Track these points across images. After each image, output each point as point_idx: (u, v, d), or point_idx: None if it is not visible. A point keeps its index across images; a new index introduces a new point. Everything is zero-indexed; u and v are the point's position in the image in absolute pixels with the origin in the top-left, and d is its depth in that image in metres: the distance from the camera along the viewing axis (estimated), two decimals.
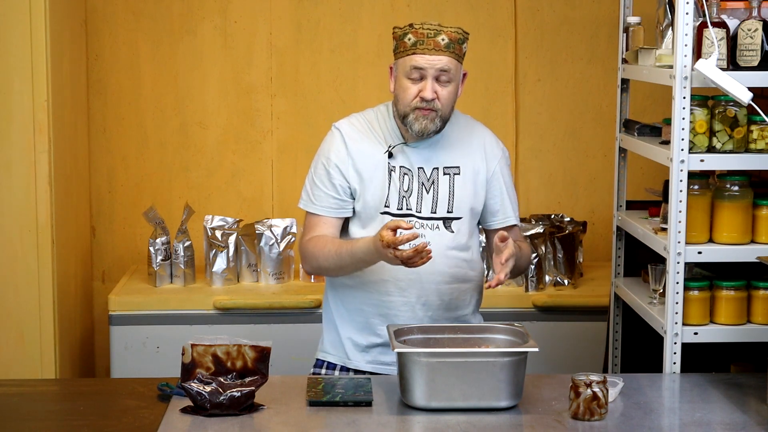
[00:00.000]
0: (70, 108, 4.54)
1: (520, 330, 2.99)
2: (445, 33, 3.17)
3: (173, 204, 4.91)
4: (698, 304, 3.25)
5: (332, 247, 3.20)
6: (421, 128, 3.19)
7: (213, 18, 4.93)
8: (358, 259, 3.16)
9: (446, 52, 3.17)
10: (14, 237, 4.23)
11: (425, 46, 3.16)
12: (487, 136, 3.35)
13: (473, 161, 3.29)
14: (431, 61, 3.16)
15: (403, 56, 3.19)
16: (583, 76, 5.03)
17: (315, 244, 3.24)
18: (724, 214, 3.24)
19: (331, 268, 3.23)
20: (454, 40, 3.18)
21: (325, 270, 3.27)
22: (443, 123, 3.22)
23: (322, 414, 2.84)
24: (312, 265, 3.28)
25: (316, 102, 4.98)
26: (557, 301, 4.45)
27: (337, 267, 3.22)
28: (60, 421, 2.86)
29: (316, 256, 3.24)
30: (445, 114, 3.20)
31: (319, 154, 3.31)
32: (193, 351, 2.86)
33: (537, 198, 5.04)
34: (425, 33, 3.17)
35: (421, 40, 3.17)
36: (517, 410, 2.85)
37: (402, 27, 3.22)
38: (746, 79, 3.14)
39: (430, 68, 3.16)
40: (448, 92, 3.19)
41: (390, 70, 3.27)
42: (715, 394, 3.03)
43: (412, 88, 3.18)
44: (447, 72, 3.17)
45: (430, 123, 3.19)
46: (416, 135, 3.21)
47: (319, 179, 3.28)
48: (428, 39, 3.16)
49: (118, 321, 4.40)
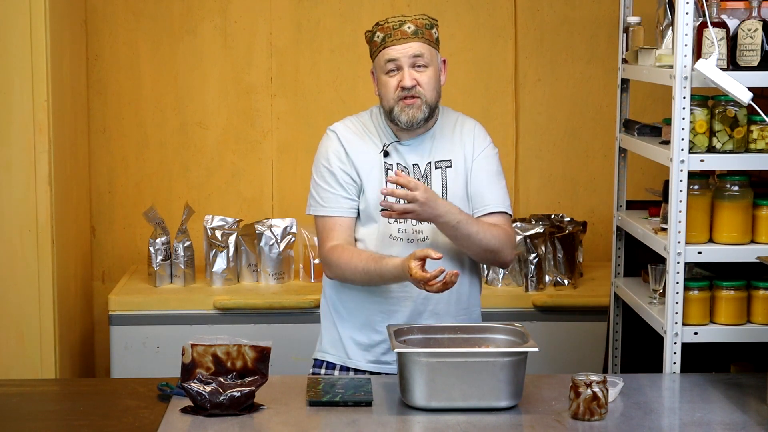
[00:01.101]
0: (70, 108, 4.54)
1: (520, 330, 2.99)
2: (410, 21, 3.23)
3: (173, 204, 4.91)
4: (698, 304, 3.25)
5: (359, 264, 3.19)
6: (409, 118, 3.20)
7: (213, 18, 4.93)
8: (387, 280, 3.19)
9: (415, 38, 3.21)
10: (14, 237, 4.23)
11: (393, 38, 3.21)
12: (476, 128, 3.35)
13: (463, 152, 3.30)
14: (402, 50, 3.20)
15: (377, 54, 3.25)
16: (583, 76, 5.03)
17: (340, 256, 3.22)
18: (724, 214, 3.24)
19: (356, 281, 3.24)
20: (420, 26, 3.23)
21: (350, 281, 3.26)
22: (430, 110, 3.23)
23: (322, 414, 2.84)
24: (336, 275, 3.27)
25: (316, 102, 4.98)
26: (557, 301, 4.45)
27: (364, 282, 3.23)
28: (60, 421, 2.86)
29: (342, 269, 3.23)
30: (430, 100, 3.22)
31: (318, 158, 3.31)
32: (193, 351, 2.86)
33: (537, 198, 5.04)
34: (391, 26, 3.23)
35: (388, 33, 3.22)
36: (517, 410, 2.85)
37: (370, 29, 3.29)
38: (746, 79, 3.14)
39: (403, 57, 3.20)
40: (427, 77, 3.21)
41: (372, 75, 3.29)
42: (715, 394, 3.03)
43: (392, 82, 3.21)
44: (420, 56, 3.20)
45: (417, 111, 3.21)
46: (405, 126, 3.22)
47: (324, 181, 3.28)
48: (395, 30, 3.22)
49: (118, 321, 4.40)
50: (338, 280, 3.29)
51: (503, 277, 4.56)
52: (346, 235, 3.26)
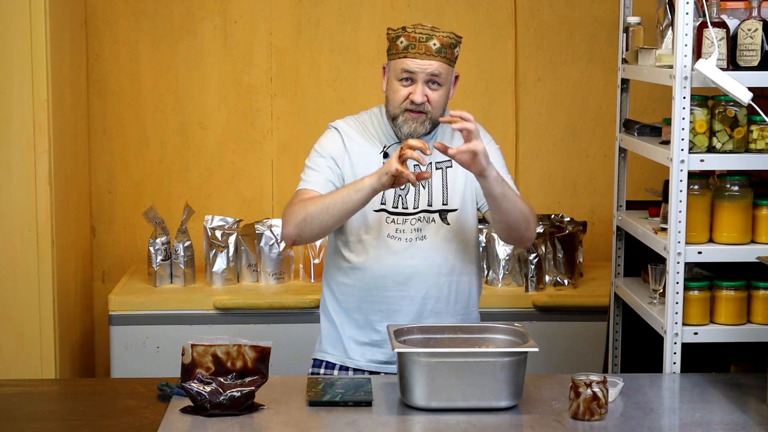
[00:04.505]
0: (70, 108, 4.54)
1: (520, 330, 2.99)
2: (437, 38, 3.19)
3: (173, 204, 4.91)
4: (698, 304, 3.25)
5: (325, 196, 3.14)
6: (410, 130, 3.21)
7: (213, 18, 4.93)
8: (349, 187, 3.11)
9: (437, 57, 3.18)
10: (14, 237, 4.23)
11: (416, 50, 3.18)
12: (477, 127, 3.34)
13: None
14: (422, 65, 3.18)
15: (395, 59, 3.22)
16: (583, 76, 5.03)
17: (302, 199, 3.18)
18: (724, 214, 3.24)
19: (317, 211, 3.12)
20: (445, 45, 3.19)
21: (310, 220, 3.13)
22: (433, 125, 3.24)
23: (322, 414, 2.84)
24: (296, 220, 3.15)
25: (316, 102, 4.98)
26: (557, 301, 4.45)
27: (324, 207, 3.12)
28: (60, 421, 2.86)
29: (304, 205, 3.14)
30: (435, 116, 3.23)
31: (315, 148, 3.33)
32: (193, 351, 2.86)
33: (537, 198, 5.04)
34: (417, 37, 3.19)
35: (412, 44, 3.19)
36: (517, 410, 2.86)
37: (396, 29, 3.24)
38: (746, 79, 3.14)
39: (421, 72, 3.18)
40: (438, 95, 3.21)
41: (383, 69, 3.29)
42: (715, 394, 3.03)
43: (403, 91, 3.20)
44: (437, 76, 3.19)
45: (420, 126, 3.21)
46: (405, 136, 3.22)
47: (312, 162, 3.29)
48: (420, 43, 3.18)
49: (118, 321, 4.40)
50: (296, 231, 3.15)
51: (503, 277, 4.56)
52: None
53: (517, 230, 3.22)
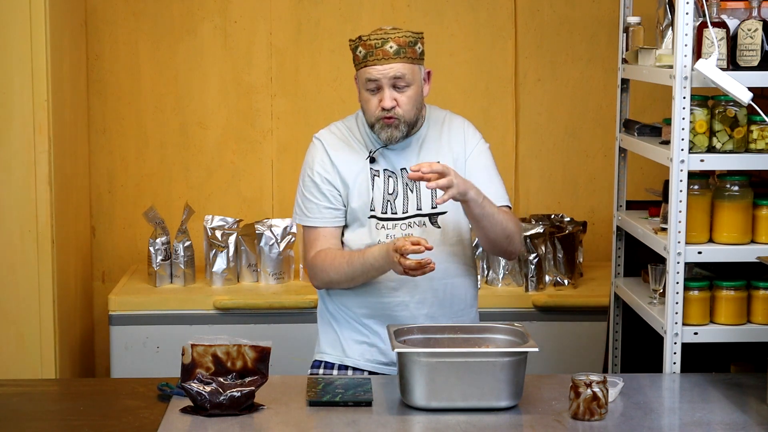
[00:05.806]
0: (70, 108, 4.54)
1: (520, 330, 2.99)
2: (393, 39, 3.18)
3: (173, 204, 4.91)
4: (698, 304, 3.25)
5: (342, 259, 3.21)
6: (388, 136, 3.21)
7: (213, 18, 4.93)
8: (369, 265, 3.17)
9: (397, 59, 3.17)
10: (14, 237, 4.23)
11: (374, 57, 3.18)
12: (466, 125, 3.35)
13: (452, 151, 3.29)
14: (383, 71, 3.18)
15: (359, 69, 3.23)
16: (583, 76, 5.03)
17: (323, 259, 3.24)
18: (724, 214, 3.24)
19: (342, 280, 3.23)
20: (403, 44, 3.18)
21: (336, 283, 3.26)
22: (409, 127, 3.23)
23: (322, 414, 2.84)
24: (322, 280, 3.27)
25: (316, 102, 4.98)
26: (557, 301, 4.45)
27: (348, 278, 3.22)
28: (60, 421, 2.86)
29: (326, 270, 3.24)
30: (408, 118, 3.21)
31: (305, 167, 3.33)
32: (193, 351, 2.86)
33: (537, 198, 5.04)
34: (373, 44, 3.19)
35: (370, 51, 3.19)
36: (517, 410, 2.85)
37: (353, 39, 3.25)
38: (746, 79, 3.14)
39: (383, 78, 3.18)
40: (407, 97, 3.19)
41: (356, 81, 3.29)
42: (715, 394, 3.03)
43: (373, 100, 3.21)
44: (401, 78, 3.18)
45: (396, 130, 3.21)
46: (385, 143, 3.23)
47: (308, 192, 3.29)
48: (376, 49, 3.18)
49: (118, 321, 4.40)
50: (324, 286, 3.30)
51: (503, 277, 4.56)
52: (330, 243, 3.27)
53: (499, 246, 3.25)
